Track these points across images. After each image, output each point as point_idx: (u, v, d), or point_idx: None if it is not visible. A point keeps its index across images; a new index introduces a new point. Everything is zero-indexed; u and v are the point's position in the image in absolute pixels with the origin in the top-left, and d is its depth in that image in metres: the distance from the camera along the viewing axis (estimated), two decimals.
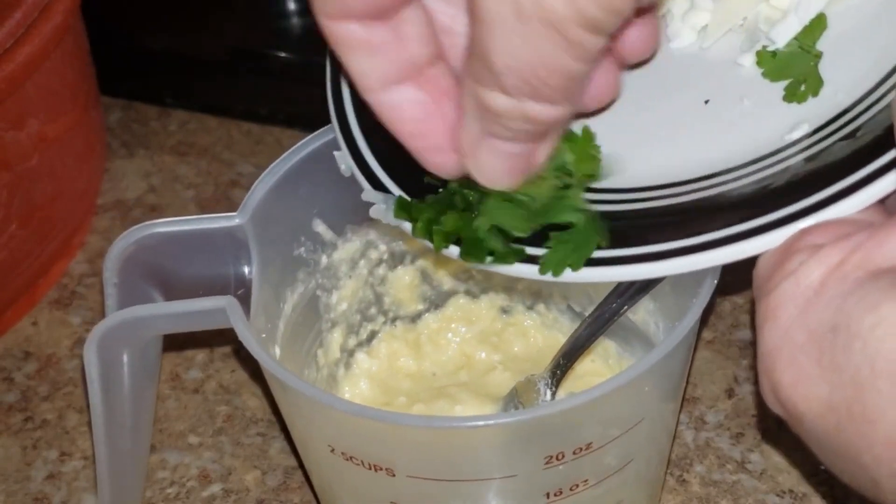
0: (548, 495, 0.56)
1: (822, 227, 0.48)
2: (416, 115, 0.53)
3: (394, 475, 0.55)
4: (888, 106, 0.51)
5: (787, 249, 0.48)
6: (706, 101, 0.57)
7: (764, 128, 0.55)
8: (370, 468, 0.56)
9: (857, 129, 0.51)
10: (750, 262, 0.50)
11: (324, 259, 0.67)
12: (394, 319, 0.71)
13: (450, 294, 0.72)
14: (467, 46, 0.49)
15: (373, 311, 0.70)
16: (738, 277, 0.77)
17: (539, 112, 0.49)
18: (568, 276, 0.53)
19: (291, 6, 0.90)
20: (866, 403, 0.44)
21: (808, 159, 0.52)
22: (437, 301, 0.72)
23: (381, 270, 0.70)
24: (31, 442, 0.74)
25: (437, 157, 0.54)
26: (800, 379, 0.46)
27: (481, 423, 0.54)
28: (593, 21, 0.45)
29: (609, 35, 0.46)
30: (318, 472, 0.63)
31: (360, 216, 0.67)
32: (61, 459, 0.73)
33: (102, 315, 0.60)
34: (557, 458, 0.55)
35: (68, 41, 0.78)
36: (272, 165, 0.62)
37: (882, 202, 0.48)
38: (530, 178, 0.54)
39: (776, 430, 0.70)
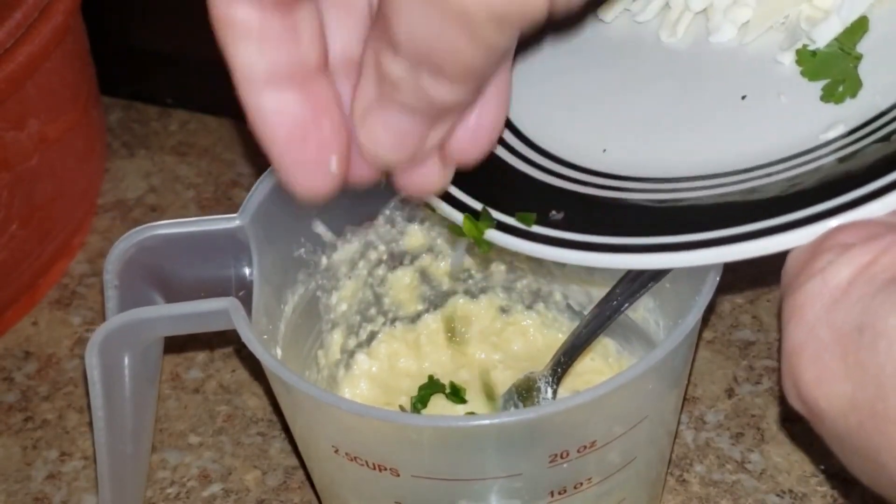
0: (552, 494, 0.56)
1: (852, 226, 0.48)
2: (295, 123, 0.49)
3: (398, 475, 0.55)
4: None
5: (817, 248, 0.48)
6: (743, 97, 0.57)
7: (799, 126, 0.55)
8: (374, 468, 0.56)
9: (892, 132, 0.51)
10: (752, 262, 0.50)
11: (323, 260, 0.67)
12: (393, 320, 0.71)
13: (449, 294, 0.72)
14: (377, 3, 0.46)
15: (372, 311, 0.70)
16: (738, 277, 0.78)
17: (434, 90, 0.46)
18: (598, 261, 0.53)
19: None
20: (889, 403, 0.44)
21: (842, 159, 0.51)
22: (436, 301, 0.72)
23: (380, 271, 0.70)
24: (32, 442, 0.74)
25: (307, 174, 0.50)
26: (823, 377, 0.46)
27: (486, 421, 0.54)
28: (501, 16, 0.42)
29: (514, 37, 0.44)
30: (321, 472, 0.63)
31: (359, 217, 0.67)
32: (61, 459, 0.73)
33: (103, 315, 0.60)
34: (562, 457, 0.55)
35: (68, 41, 0.78)
36: (272, 166, 0.62)
37: None
38: None
39: (776, 430, 0.70)
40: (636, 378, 0.53)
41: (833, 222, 0.48)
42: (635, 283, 0.59)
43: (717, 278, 0.56)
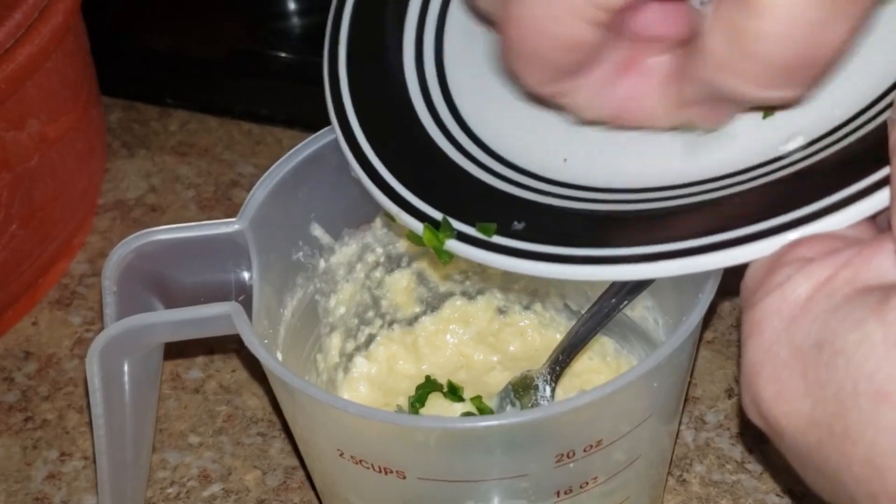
0: (558, 493, 0.56)
1: (811, 240, 0.47)
2: (630, 97, 0.54)
3: (405, 477, 0.55)
4: (884, 123, 0.50)
5: (775, 262, 0.48)
6: None
7: (759, 137, 0.55)
8: (380, 471, 0.56)
9: (851, 145, 0.51)
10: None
11: (321, 263, 0.66)
12: (391, 323, 0.71)
13: (446, 296, 0.72)
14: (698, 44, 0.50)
15: (370, 314, 0.70)
16: (739, 276, 0.78)
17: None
18: (560, 272, 0.53)
19: (291, 6, 0.90)
20: (848, 421, 0.43)
21: (802, 171, 0.52)
22: (433, 303, 0.72)
23: (377, 274, 0.70)
24: (32, 442, 0.74)
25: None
26: (782, 394, 0.46)
27: (496, 422, 0.54)
28: None
29: None
30: (324, 474, 0.63)
31: (356, 220, 0.67)
32: (61, 459, 0.73)
33: (102, 316, 0.60)
34: (568, 456, 0.55)
35: (68, 41, 0.78)
36: (270, 170, 0.62)
37: (872, 218, 0.48)
38: None
39: None
40: (644, 375, 0.53)
41: (792, 235, 0.48)
42: (629, 283, 0.59)
43: (719, 277, 0.56)
